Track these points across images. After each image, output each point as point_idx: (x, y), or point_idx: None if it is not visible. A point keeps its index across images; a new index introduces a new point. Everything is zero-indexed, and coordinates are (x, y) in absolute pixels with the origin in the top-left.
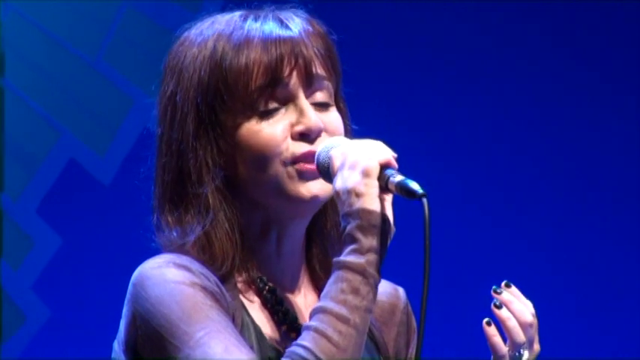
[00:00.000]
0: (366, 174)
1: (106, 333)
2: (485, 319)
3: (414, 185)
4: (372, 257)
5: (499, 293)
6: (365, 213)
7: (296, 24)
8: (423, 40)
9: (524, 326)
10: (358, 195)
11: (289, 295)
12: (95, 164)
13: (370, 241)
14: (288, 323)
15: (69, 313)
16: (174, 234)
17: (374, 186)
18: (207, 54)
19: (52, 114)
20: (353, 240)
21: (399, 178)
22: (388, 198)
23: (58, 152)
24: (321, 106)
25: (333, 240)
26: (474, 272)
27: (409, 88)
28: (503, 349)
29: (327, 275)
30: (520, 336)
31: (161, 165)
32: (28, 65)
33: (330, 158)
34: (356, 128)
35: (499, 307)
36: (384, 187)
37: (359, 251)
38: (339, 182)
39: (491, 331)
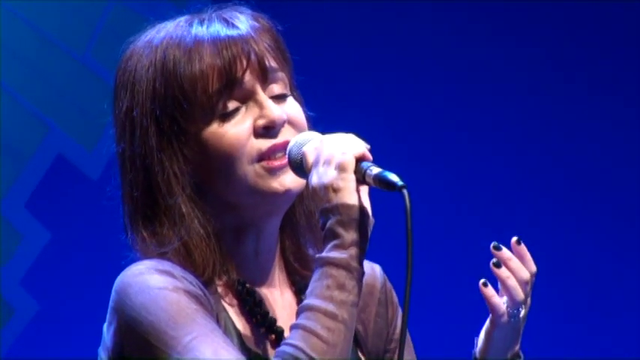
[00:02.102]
0: (341, 169)
1: (95, 327)
2: (482, 280)
3: (393, 177)
4: (354, 251)
5: (499, 250)
6: (344, 208)
7: (242, 22)
8: (412, 37)
9: (522, 284)
10: (336, 190)
11: (268, 295)
12: (83, 159)
13: (352, 235)
14: (267, 326)
15: (57, 307)
16: (152, 246)
17: (351, 180)
18: (158, 64)
19: (40, 109)
20: (334, 235)
21: (376, 170)
22: (364, 190)
23: (46, 147)
24: (280, 98)
25: (303, 229)
26: (464, 266)
27: (397, 84)
28: (503, 307)
29: (302, 266)
30: (520, 294)
31: (128, 182)
32: (16, 60)
33: (302, 154)
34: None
35: (498, 265)
36: (361, 180)
37: (341, 246)
38: (315, 178)
39: (489, 291)
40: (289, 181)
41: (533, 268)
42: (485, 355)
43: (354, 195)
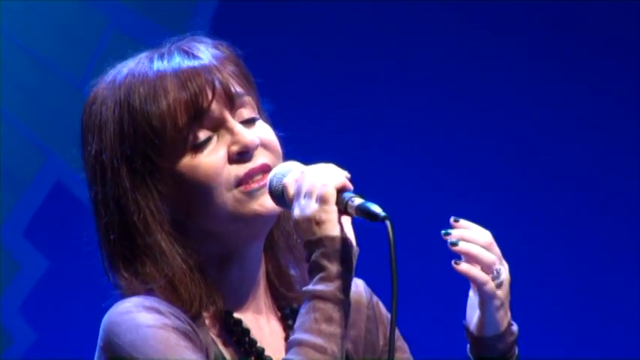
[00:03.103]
0: (323, 201)
1: (91, 356)
2: (453, 261)
3: (376, 208)
4: (340, 283)
5: (449, 234)
6: (328, 240)
7: (202, 51)
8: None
9: (487, 247)
10: (319, 223)
11: (255, 322)
12: (81, 187)
13: (337, 267)
14: (256, 355)
15: (55, 336)
16: (137, 284)
17: (333, 212)
18: (124, 104)
19: (38, 136)
20: (320, 268)
21: (358, 201)
22: (347, 220)
23: (44, 175)
24: (250, 122)
25: (283, 251)
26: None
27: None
28: (484, 275)
29: (287, 289)
30: (489, 256)
31: (103, 225)
32: (15, 87)
33: (283, 186)
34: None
35: (456, 243)
36: (343, 211)
37: (327, 279)
38: (297, 211)
39: (464, 266)
40: (269, 202)
41: (487, 231)
42: (482, 332)
43: (336, 227)
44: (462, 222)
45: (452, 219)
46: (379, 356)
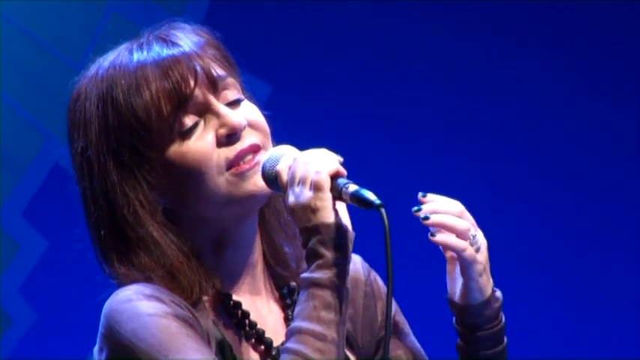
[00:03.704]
0: (317, 188)
1: (92, 337)
2: (429, 233)
3: (370, 195)
4: (337, 269)
5: (420, 209)
6: (324, 227)
7: (180, 38)
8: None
9: (459, 215)
10: (314, 210)
11: (253, 304)
12: None
13: (334, 254)
14: (256, 337)
15: (55, 316)
16: (135, 273)
17: (327, 199)
18: (107, 98)
19: (38, 118)
20: (317, 255)
21: (352, 188)
22: (342, 205)
23: (43, 156)
24: (235, 103)
25: (275, 229)
26: None
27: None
28: (462, 242)
29: (283, 268)
30: (463, 223)
31: (94, 221)
32: (14, 69)
33: (277, 173)
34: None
35: (427, 217)
36: (337, 197)
37: (325, 266)
38: (292, 199)
39: (440, 237)
40: (261, 180)
41: (456, 201)
42: (467, 300)
43: (332, 213)
44: (430, 196)
45: (420, 195)
46: (377, 332)
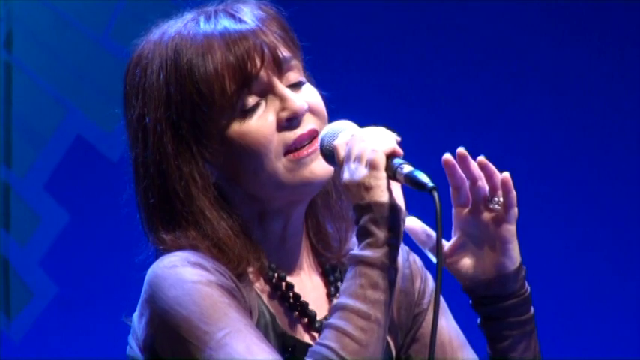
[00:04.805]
0: (372, 166)
1: (113, 309)
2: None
3: (424, 178)
4: (388, 249)
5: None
6: (377, 206)
7: (247, 14)
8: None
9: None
10: (368, 188)
11: (297, 278)
12: (102, 141)
13: (385, 233)
14: (300, 310)
15: (76, 289)
16: (182, 240)
17: (382, 178)
18: (170, 68)
19: (60, 91)
20: (368, 233)
21: (407, 169)
22: (397, 186)
23: (65, 129)
24: (297, 86)
25: (322, 209)
26: None
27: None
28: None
29: (325, 247)
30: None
31: (142, 189)
32: (36, 43)
33: (334, 148)
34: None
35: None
36: (392, 177)
37: (375, 244)
38: (347, 175)
39: (506, 174)
40: (319, 168)
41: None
42: (502, 269)
43: (385, 193)
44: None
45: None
46: (414, 308)
